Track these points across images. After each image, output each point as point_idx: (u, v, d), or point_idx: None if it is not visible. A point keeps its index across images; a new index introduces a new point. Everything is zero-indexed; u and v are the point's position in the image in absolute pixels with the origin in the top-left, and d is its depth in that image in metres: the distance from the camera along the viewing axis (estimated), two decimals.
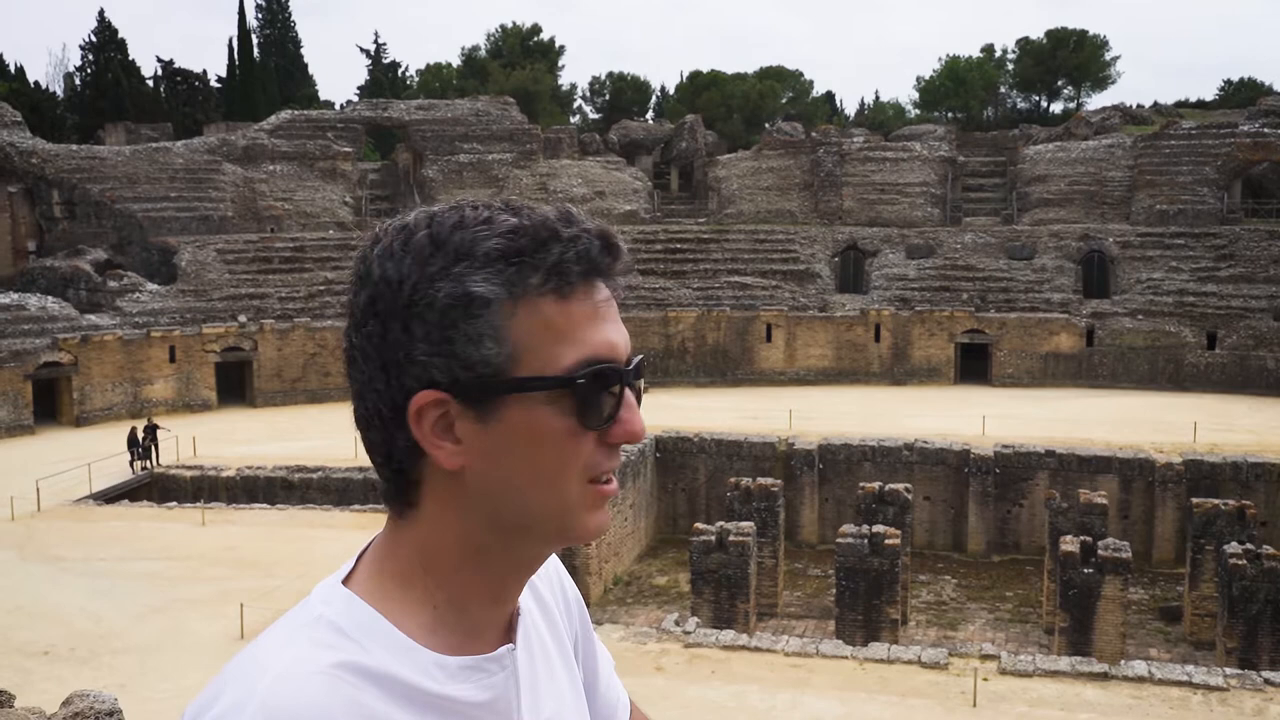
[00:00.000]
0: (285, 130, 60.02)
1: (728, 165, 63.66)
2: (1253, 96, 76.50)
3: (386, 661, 1.52)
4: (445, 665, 1.57)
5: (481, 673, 1.61)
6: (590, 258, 1.53)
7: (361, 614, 1.57)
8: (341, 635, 1.53)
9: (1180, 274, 52.52)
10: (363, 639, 1.53)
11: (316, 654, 1.49)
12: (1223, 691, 18.95)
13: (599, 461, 1.56)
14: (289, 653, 1.49)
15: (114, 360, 45.48)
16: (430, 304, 1.49)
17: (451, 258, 1.50)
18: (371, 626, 1.55)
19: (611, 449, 1.57)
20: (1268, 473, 34.84)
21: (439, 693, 1.55)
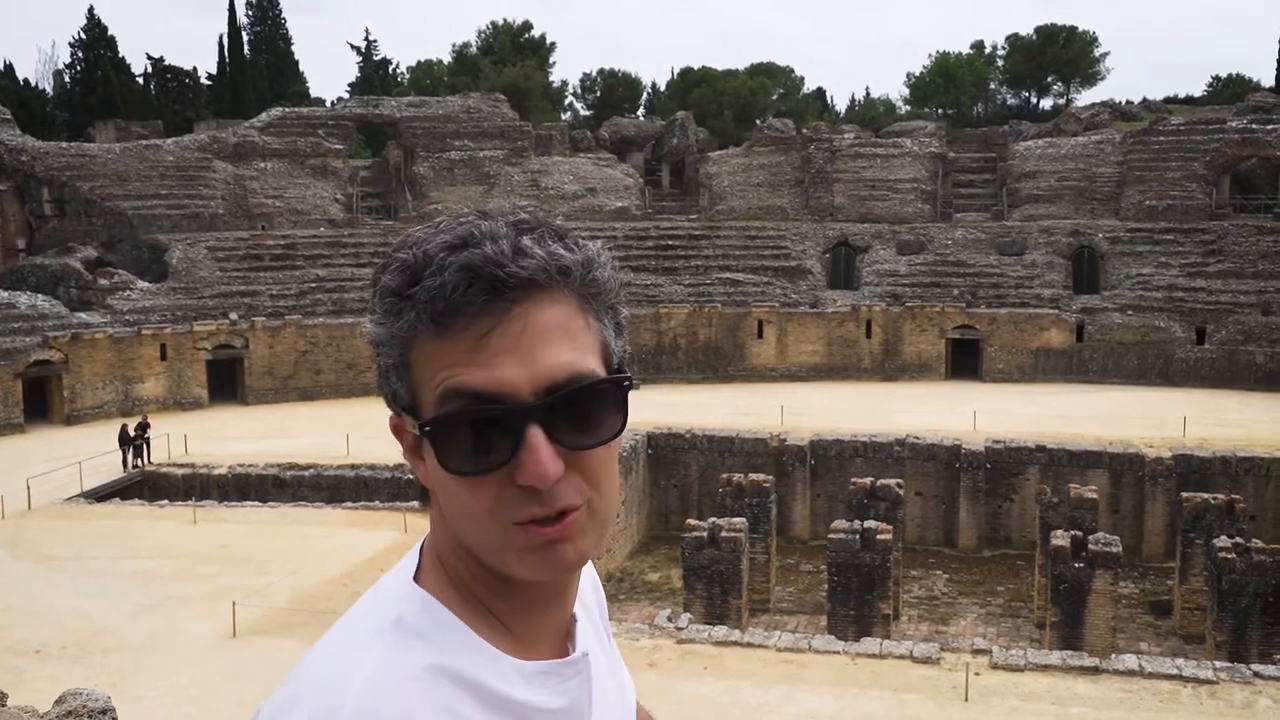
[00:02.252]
0: (276, 128, 59.92)
1: (719, 162, 63.68)
2: (1241, 93, 76.68)
3: (469, 666, 1.50)
4: (523, 670, 1.55)
5: (557, 678, 1.58)
6: (445, 296, 1.43)
7: (440, 616, 1.55)
8: (422, 639, 1.51)
9: (1169, 269, 52.68)
10: (443, 643, 1.51)
11: (404, 658, 1.47)
12: (1212, 685, 19.05)
13: (513, 505, 1.46)
14: (373, 656, 1.47)
15: (105, 358, 45.39)
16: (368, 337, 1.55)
17: (373, 292, 1.53)
18: (451, 629, 1.53)
19: (528, 491, 1.45)
20: (1257, 467, 35.01)
21: (518, 699, 1.52)
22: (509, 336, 1.44)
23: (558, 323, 1.48)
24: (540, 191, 60.21)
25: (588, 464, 1.49)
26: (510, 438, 1.43)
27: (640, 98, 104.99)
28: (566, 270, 1.50)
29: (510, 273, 1.44)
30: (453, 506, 1.51)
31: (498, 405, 1.43)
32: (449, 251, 1.45)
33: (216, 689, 18.02)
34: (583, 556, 1.53)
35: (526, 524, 1.47)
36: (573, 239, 1.55)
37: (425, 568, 1.63)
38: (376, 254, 55.13)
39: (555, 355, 1.46)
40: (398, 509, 29.59)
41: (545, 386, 1.44)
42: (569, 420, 1.46)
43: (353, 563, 25.27)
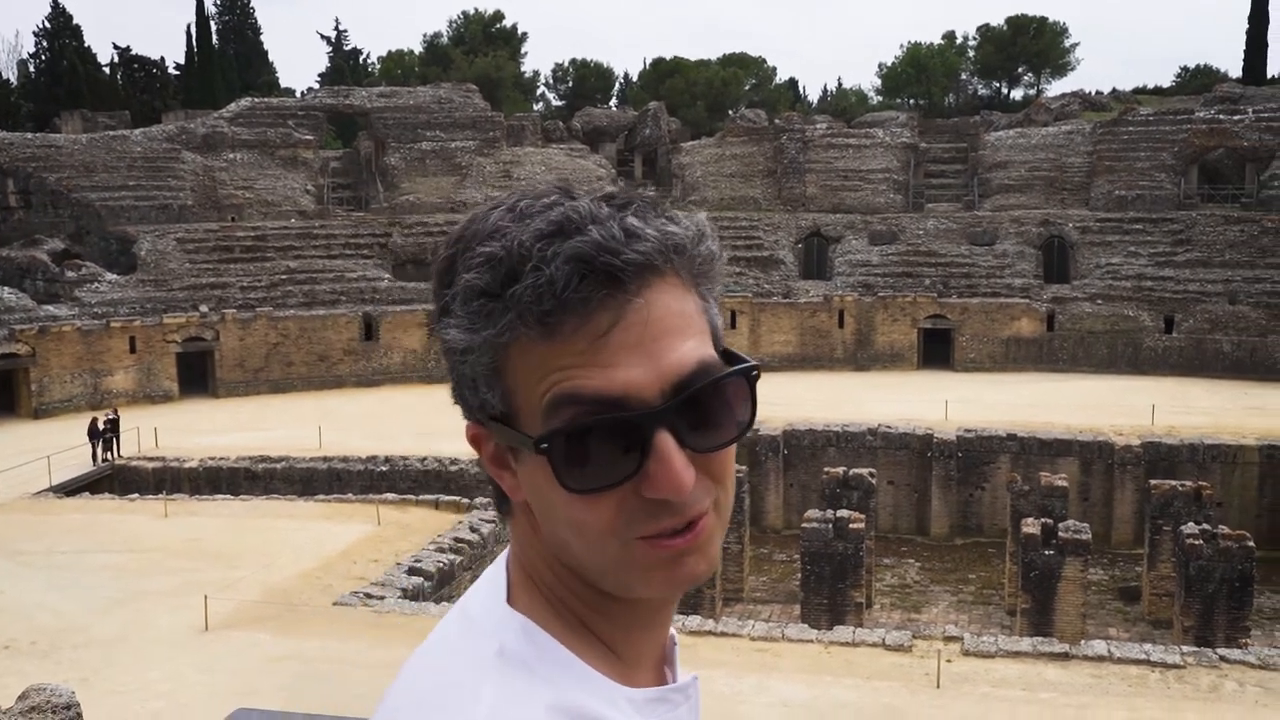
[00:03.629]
0: (245, 118, 59.49)
1: (691, 152, 63.70)
2: (1208, 83, 77.32)
3: (583, 699, 1.35)
4: (632, 698, 1.41)
5: (666, 704, 1.45)
6: (555, 294, 1.25)
7: (543, 643, 1.40)
8: (530, 671, 1.36)
9: (1138, 259, 53.09)
10: (551, 673, 1.37)
11: (522, 698, 1.33)
12: (1179, 669, 19.25)
13: (635, 518, 1.30)
14: (489, 694, 1.32)
15: (73, 351, 45.01)
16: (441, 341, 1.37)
17: (448, 288, 1.35)
18: (557, 659, 1.39)
19: (656, 504, 1.29)
20: (1223, 454, 35.38)
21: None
22: (630, 331, 1.27)
23: (676, 309, 1.32)
24: (513, 182, 60.04)
25: (714, 463, 1.34)
26: (635, 447, 1.27)
27: (612, 88, 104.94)
28: (681, 248, 1.34)
29: (627, 259, 1.27)
30: (559, 524, 1.34)
31: (622, 412, 1.26)
32: (548, 241, 1.27)
33: (188, 683, 17.94)
34: (712, 566, 1.38)
35: (652, 538, 1.31)
36: (674, 211, 1.39)
37: (516, 586, 1.46)
38: (348, 245, 54.92)
39: (679, 347, 1.30)
40: (370, 501, 29.50)
41: (673, 385, 1.28)
42: (696, 420, 1.30)
43: (325, 555, 25.18)
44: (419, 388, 49.20)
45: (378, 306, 51.59)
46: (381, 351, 51.14)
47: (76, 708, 5.93)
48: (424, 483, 32.62)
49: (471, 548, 26.03)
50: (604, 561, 1.34)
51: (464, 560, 25.43)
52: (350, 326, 50.84)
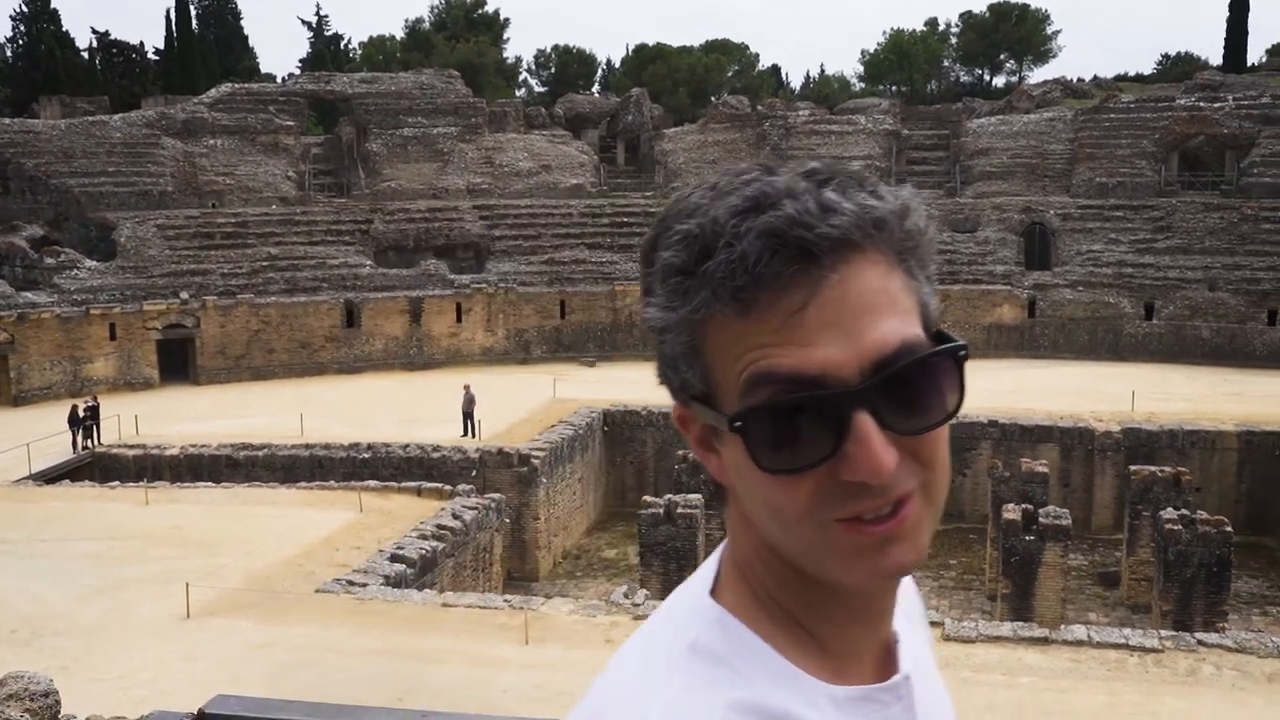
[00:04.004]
0: (226, 104, 59.13)
1: (674, 139, 63.65)
2: (1189, 71, 77.65)
3: (776, 696, 1.31)
4: (834, 696, 1.34)
5: (874, 704, 1.37)
6: (747, 269, 1.22)
7: (741, 636, 1.36)
8: (721, 664, 1.33)
9: (1119, 246, 53.31)
10: (745, 668, 1.33)
11: (704, 694, 1.30)
12: (1158, 653, 19.40)
13: (832, 501, 1.25)
14: (670, 691, 1.31)
15: (52, 338, 44.76)
16: (645, 320, 1.36)
17: (650, 267, 1.34)
18: (753, 652, 1.35)
19: (854, 486, 1.24)
20: (1202, 440, 35.61)
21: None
22: (826, 308, 1.23)
23: (879, 286, 1.26)
24: (495, 169, 59.92)
25: (921, 445, 1.29)
26: (832, 427, 1.22)
27: (595, 74, 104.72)
28: (882, 223, 1.28)
29: (821, 234, 1.23)
30: (759, 506, 1.31)
31: (819, 391, 1.22)
32: (742, 217, 1.24)
33: (170, 671, 17.90)
34: (920, 555, 1.32)
35: (852, 522, 1.27)
36: (878, 185, 1.33)
37: (724, 579, 1.43)
38: (330, 232, 54.72)
39: (880, 325, 1.24)
40: (353, 488, 29.45)
41: (873, 364, 1.23)
42: (900, 401, 1.25)
43: (307, 543, 25.14)
44: (401, 375, 49.14)
45: (359, 293, 51.43)
46: (363, 339, 51.02)
47: (55, 695, 5.91)
48: (406, 470, 32.59)
49: (454, 535, 26.03)
50: (803, 546, 1.30)
51: (446, 547, 25.43)
52: (332, 313, 50.68)
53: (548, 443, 34.00)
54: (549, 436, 34.76)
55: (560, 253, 55.33)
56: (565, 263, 54.73)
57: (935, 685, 1.55)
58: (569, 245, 55.69)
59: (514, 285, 53.31)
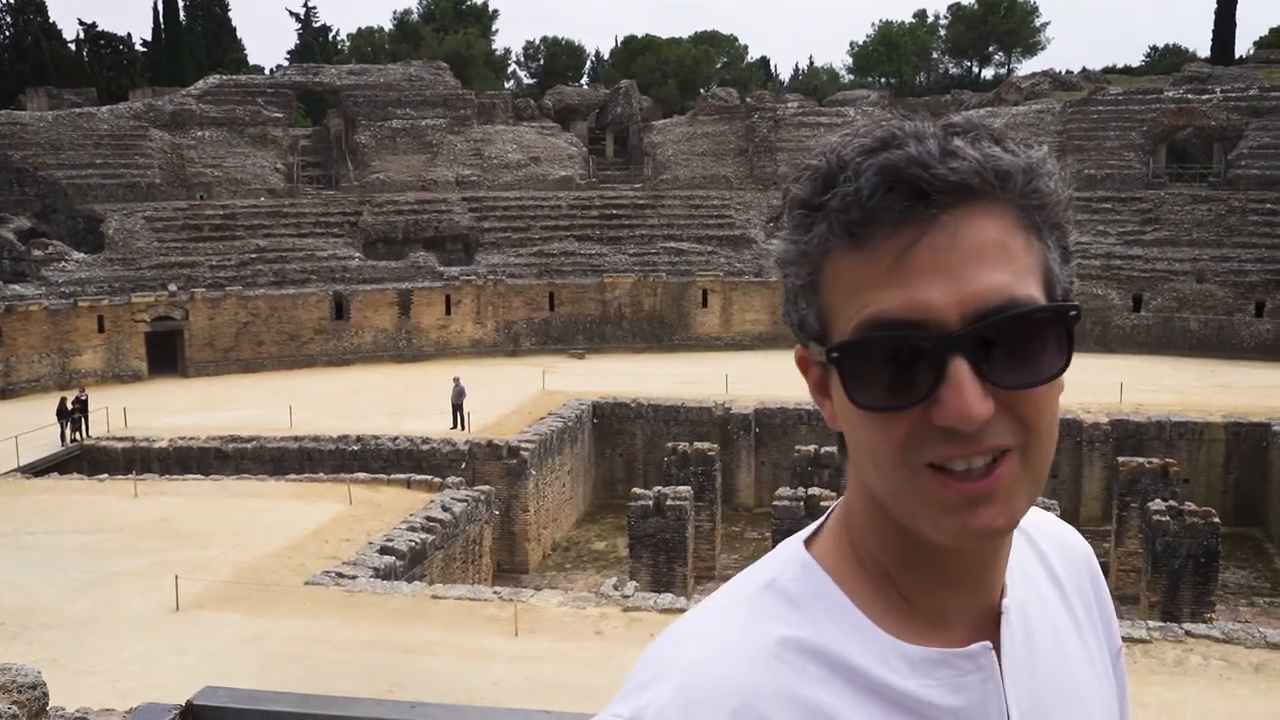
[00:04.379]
0: (214, 95, 58.93)
1: (663, 131, 63.60)
2: (1177, 63, 77.81)
3: (841, 642, 1.33)
4: (907, 655, 1.34)
5: (950, 669, 1.35)
6: (861, 203, 1.24)
7: (818, 582, 1.39)
8: (793, 606, 1.36)
9: (1107, 237, 53.43)
10: (817, 612, 1.35)
11: (762, 627, 1.34)
12: (1146, 644, 19.47)
13: (925, 444, 1.25)
14: (730, 622, 1.35)
15: (40, 331, 44.60)
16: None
17: (781, 205, 1.37)
18: (827, 598, 1.37)
19: (947, 432, 1.24)
20: (1190, 431, 35.73)
21: (898, 687, 1.32)
22: (935, 252, 1.23)
23: (994, 238, 1.26)
24: (484, 160, 59.82)
25: (1024, 404, 1.27)
26: (930, 370, 1.23)
27: (584, 66, 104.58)
28: (1006, 176, 1.27)
29: (937, 174, 1.23)
30: (858, 447, 1.32)
31: (918, 333, 1.23)
32: (866, 155, 1.27)
33: (159, 663, 17.88)
34: (1011, 520, 1.30)
35: (942, 474, 1.26)
36: (1015, 141, 1.32)
37: (825, 531, 1.47)
38: (318, 224, 54.60)
39: (989, 276, 1.24)
40: (342, 480, 29.42)
41: (975, 312, 1.23)
42: (1002, 354, 1.24)
43: (297, 535, 25.11)
44: (390, 367, 49.07)
45: (348, 285, 51.33)
46: (352, 331, 50.93)
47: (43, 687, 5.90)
48: (395, 462, 32.56)
49: (443, 526, 26.03)
50: (896, 492, 1.30)
51: (436, 539, 25.43)
52: (320, 305, 50.59)
53: (537, 435, 34.00)
54: (538, 429, 34.76)
55: (549, 245, 55.27)
56: (554, 255, 54.67)
57: (1070, 675, 1.50)
58: (558, 237, 55.63)
59: (503, 277, 53.26)
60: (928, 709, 1.32)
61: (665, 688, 1.30)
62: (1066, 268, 1.34)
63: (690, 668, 1.31)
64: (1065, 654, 1.50)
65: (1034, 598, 1.49)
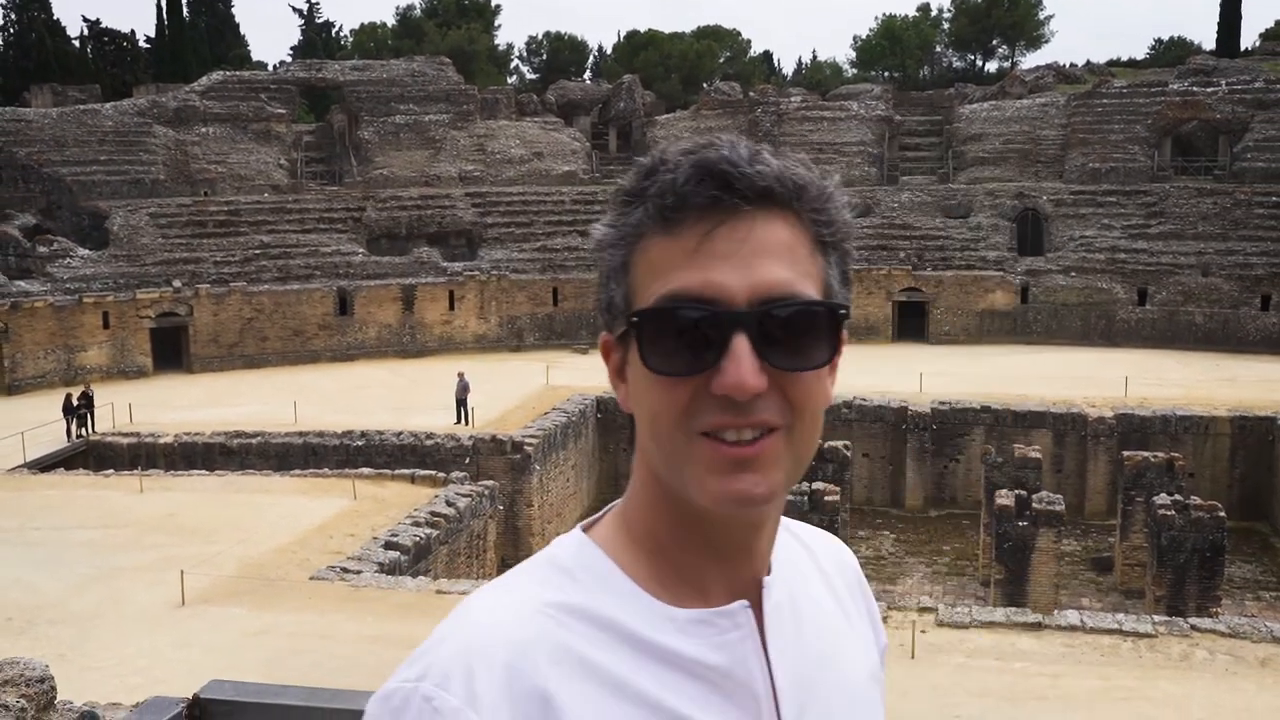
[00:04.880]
0: (217, 92, 58.94)
1: (666, 125, 63.55)
2: (1182, 56, 77.58)
3: (610, 606, 1.47)
4: (674, 617, 1.48)
5: (713, 629, 1.48)
6: (675, 189, 1.41)
7: (592, 557, 1.53)
8: (567, 576, 1.50)
9: (1112, 231, 53.34)
10: (589, 582, 1.50)
11: (532, 591, 1.48)
12: (1151, 638, 19.47)
13: (702, 412, 1.40)
14: (508, 591, 1.50)
15: (46, 327, 44.67)
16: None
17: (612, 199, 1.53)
18: (599, 570, 1.51)
19: (723, 401, 1.38)
20: (1195, 425, 35.68)
21: (665, 644, 1.45)
22: (732, 241, 1.39)
23: (784, 241, 1.42)
24: (487, 156, 59.81)
25: (793, 386, 1.42)
26: (715, 344, 1.38)
27: (586, 61, 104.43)
28: (802, 189, 1.44)
29: (744, 173, 1.40)
30: (644, 415, 1.46)
31: (708, 307, 1.38)
32: (686, 154, 1.44)
33: (165, 658, 17.92)
34: (772, 491, 1.43)
35: (715, 440, 1.40)
36: (811, 169, 1.49)
37: (604, 518, 1.62)
38: (322, 219, 54.62)
39: (776, 270, 1.40)
40: (347, 476, 29.45)
41: (760, 298, 1.38)
42: (779, 338, 1.39)
43: (302, 530, 25.15)
44: (394, 362, 49.10)
45: (352, 281, 51.37)
46: (356, 326, 50.97)
47: (51, 681, 5.92)
48: (400, 457, 32.58)
49: (448, 521, 26.04)
50: (670, 455, 1.44)
51: (440, 534, 25.45)
52: (325, 301, 50.63)
53: (541, 430, 34.01)
54: (542, 423, 34.77)
55: (553, 240, 55.27)
56: (558, 250, 54.67)
57: (848, 661, 1.65)
58: (561, 232, 55.60)
59: (506, 273, 53.27)
60: (694, 666, 1.45)
61: (446, 648, 1.42)
62: (844, 290, 1.51)
63: (468, 629, 1.43)
64: (835, 635, 1.65)
65: (802, 585, 1.65)
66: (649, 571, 1.51)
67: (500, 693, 1.37)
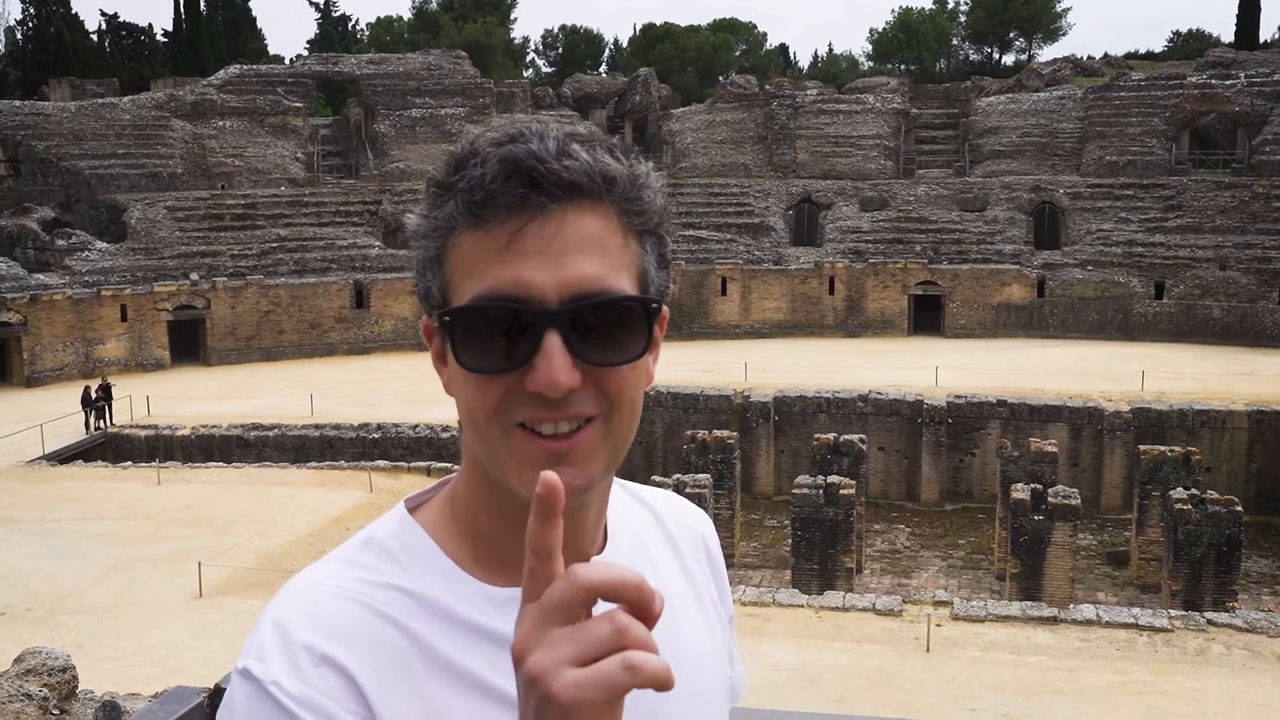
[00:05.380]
0: (234, 85, 59.13)
1: (682, 119, 63.48)
2: (1200, 48, 77.18)
3: (428, 584, 1.49)
4: (492, 596, 1.50)
5: None
6: (483, 186, 1.39)
7: (412, 536, 1.55)
8: (386, 557, 1.53)
9: (1129, 225, 53.12)
10: (408, 562, 1.52)
11: (348, 570, 1.51)
12: (1167, 633, 19.45)
13: (516, 406, 1.41)
14: (324, 569, 1.53)
15: (64, 320, 44.93)
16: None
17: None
18: (419, 550, 1.54)
19: (537, 397, 1.39)
20: (1212, 419, 35.54)
21: (480, 621, 1.48)
22: (541, 238, 1.39)
23: (595, 234, 1.42)
24: None
25: (608, 380, 1.42)
26: (528, 341, 1.38)
27: (602, 54, 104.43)
28: (611, 181, 1.43)
29: (551, 169, 1.38)
30: (462, 407, 1.46)
31: (519, 305, 1.38)
32: (495, 145, 1.42)
33: (183, 649, 18.05)
34: (589, 481, 1.45)
35: (531, 432, 1.41)
36: (626, 154, 1.48)
37: (430, 499, 1.63)
38: (338, 213, 54.78)
39: (586, 265, 1.39)
40: (363, 468, 29.58)
41: (571, 295, 1.38)
42: (592, 334, 1.39)
43: (318, 522, 25.28)
44: (410, 355, 49.21)
45: (368, 274, 51.52)
46: (372, 319, 51.13)
47: (73, 670, 5.98)
48: (416, 450, 32.69)
49: None
50: (489, 447, 1.45)
51: None
52: (341, 294, 50.79)
53: None
54: None
55: None
56: None
57: (691, 641, 1.66)
58: None
59: None
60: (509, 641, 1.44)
61: (266, 625, 1.45)
62: (664, 273, 1.51)
63: (285, 605, 1.47)
64: (673, 610, 1.62)
65: (643, 558, 1.68)
66: (470, 553, 1.53)
67: (315, 675, 1.39)
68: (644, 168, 1.49)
